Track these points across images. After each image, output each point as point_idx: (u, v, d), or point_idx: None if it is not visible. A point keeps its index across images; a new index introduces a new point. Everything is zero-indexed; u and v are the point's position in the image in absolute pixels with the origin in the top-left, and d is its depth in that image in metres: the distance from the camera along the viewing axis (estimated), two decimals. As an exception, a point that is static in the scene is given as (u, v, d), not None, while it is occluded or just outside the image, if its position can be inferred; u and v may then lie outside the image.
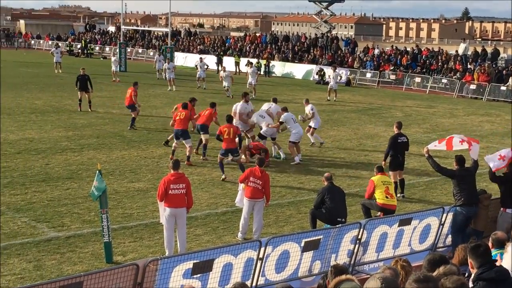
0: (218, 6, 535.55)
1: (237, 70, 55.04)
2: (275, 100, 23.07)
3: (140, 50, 68.96)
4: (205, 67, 43.39)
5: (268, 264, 10.12)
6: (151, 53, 65.91)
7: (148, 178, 18.18)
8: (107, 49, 71.04)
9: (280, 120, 21.19)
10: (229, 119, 19.20)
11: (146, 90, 38.55)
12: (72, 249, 12.47)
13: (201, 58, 47.70)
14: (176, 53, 59.37)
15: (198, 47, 65.84)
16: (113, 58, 46.58)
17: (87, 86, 29.65)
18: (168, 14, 57.53)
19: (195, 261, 9.18)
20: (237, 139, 19.01)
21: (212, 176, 18.63)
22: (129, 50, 62.30)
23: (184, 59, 62.09)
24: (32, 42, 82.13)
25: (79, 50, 70.16)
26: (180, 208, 12.11)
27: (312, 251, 10.60)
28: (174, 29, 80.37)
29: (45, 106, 30.61)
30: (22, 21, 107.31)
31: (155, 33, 76.09)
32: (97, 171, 11.96)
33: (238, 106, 21.79)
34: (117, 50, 54.44)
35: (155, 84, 42.26)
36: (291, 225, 14.54)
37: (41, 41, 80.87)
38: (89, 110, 29.39)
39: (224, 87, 37.01)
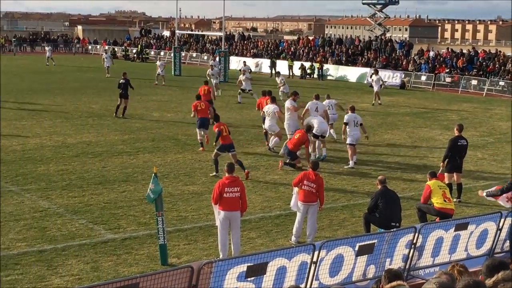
0: (271, 9, 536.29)
1: (291, 74, 55.07)
2: (317, 97, 22.92)
3: (194, 54, 69.56)
4: (249, 70, 43.54)
5: (322, 268, 10.09)
6: (205, 57, 66.46)
7: (202, 181, 18.33)
8: (162, 53, 71.89)
9: (345, 121, 21.13)
10: (217, 118, 19.71)
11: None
12: (128, 251, 12.65)
13: (244, 62, 48.03)
14: (229, 57, 59.72)
15: (252, 51, 66.08)
16: (158, 63, 46.74)
17: (127, 92, 29.15)
18: (222, 18, 57.83)
19: (249, 264, 9.22)
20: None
21: (266, 180, 18.67)
22: (183, 54, 62.89)
23: (238, 63, 62.34)
24: (89, 47, 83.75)
25: (135, 55, 71.18)
26: (234, 211, 12.17)
27: (366, 255, 10.53)
28: (228, 33, 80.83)
29: (101, 110, 31.15)
30: (79, 27, 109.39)
31: (209, 37, 76.67)
32: (153, 174, 12.11)
33: (287, 102, 22.48)
34: (172, 55, 55.04)
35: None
36: (345, 229, 14.47)
37: (98, 46, 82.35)
38: (121, 116, 28.88)
39: (247, 91, 36.47)
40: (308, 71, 55.18)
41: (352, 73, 53.94)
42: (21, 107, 30.92)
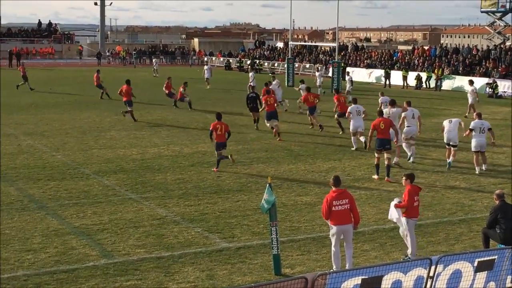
0: (385, 19, 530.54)
1: (405, 84, 54.24)
2: (409, 104, 23.09)
3: (307, 65, 69.77)
4: (351, 81, 43.30)
5: (439, 283, 9.84)
6: (318, 68, 66.52)
7: (315, 192, 18.32)
8: (275, 64, 72.58)
9: (470, 127, 21.22)
10: (219, 116, 21.16)
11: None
12: (242, 260, 12.81)
13: (348, 72, 47.90)
14: (345, 68, 59.55)
15: (365, 61, 65.53)
16: (251, 74, 47.39)
17: (257, 106, 29.21)
18: (336, 29, 57.76)
19: (363, 277, 9.12)
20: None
21: (380, 191, 18.44)
22: (296, 65, 63.19)
23: (351, 74, 62.05)
24: (205, 59, 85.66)
25: (249, 66, 72.19)
26: (346, 224, 12.04)
27: (486, 272, 10.18)
28: (341, 43, 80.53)
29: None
30: (196, 40, 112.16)
31: (322, 48, 76.67)
32: (267, 184, 12.22)
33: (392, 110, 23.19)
34: (285, 66, 55.39)
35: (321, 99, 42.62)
36: (462, 244, 14.05)
37: (213, 58, 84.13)
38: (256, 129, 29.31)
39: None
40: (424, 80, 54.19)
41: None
42: (140, 119, 31.95)
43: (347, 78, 44.20)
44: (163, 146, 24.76)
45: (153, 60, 66.92)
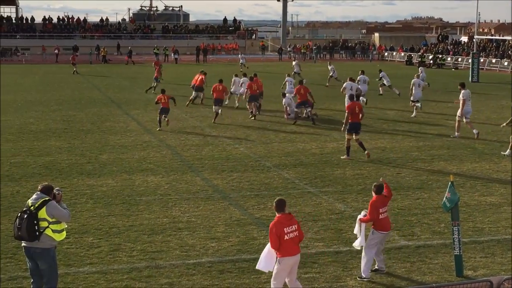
0: None
1: None
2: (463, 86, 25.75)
3: (493, 60, 66.77)
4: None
5: None
6: (505, 63, 63.46)
7: (500, 192, 17.52)
8: (459, 59, 70.20)
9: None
10: (163, 91, 27.60)
11: (498, 101, 37.45)
12: (421, 259, 12.53)
13: (421, 69, 46.16)
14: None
15: (559, 55, 61.59)
16: (329, 67, 47.53)
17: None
18: (526, 22, 54.79)
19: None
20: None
21: None
22: (481, 60, 60.71)
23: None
24: (385, 54, 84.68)
25: (431, 61, 70.38)
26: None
27: None
28: (532, 37, 76.23)
29: (396, 116, 31.25)
30: (376, 34, 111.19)
31: (511, 42, 73.04)
32: (450, 183, 11.87)
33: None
34: (470, 61, 53.41)
35: (507, 95, 40.72)
36: None
37: (394, 53, 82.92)
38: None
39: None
40: None
41: None
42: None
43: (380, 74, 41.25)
44: (342, 141, 24.66)
45: (239, 56, 66.73)
